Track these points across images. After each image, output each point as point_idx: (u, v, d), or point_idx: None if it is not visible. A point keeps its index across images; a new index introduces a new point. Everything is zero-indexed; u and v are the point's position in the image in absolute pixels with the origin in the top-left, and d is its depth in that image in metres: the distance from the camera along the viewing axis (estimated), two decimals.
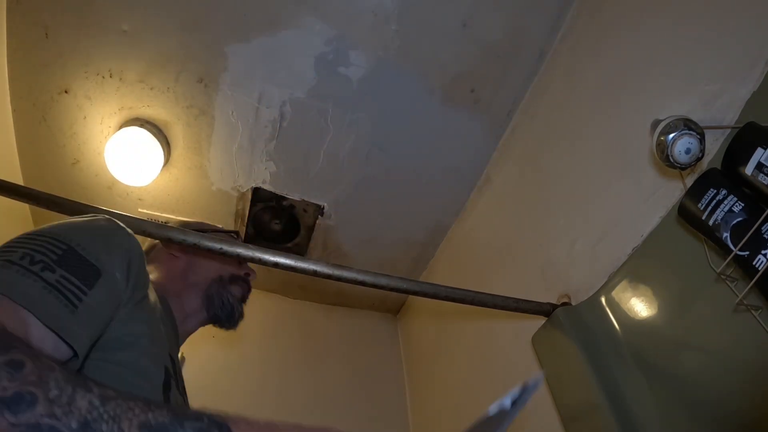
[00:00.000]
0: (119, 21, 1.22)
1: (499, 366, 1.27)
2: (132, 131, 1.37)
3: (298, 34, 1.27)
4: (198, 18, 1.24)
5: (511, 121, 1.47)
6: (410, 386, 1.87)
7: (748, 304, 0.62)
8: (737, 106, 0.72)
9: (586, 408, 0.81)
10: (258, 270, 0.95)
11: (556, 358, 0.93)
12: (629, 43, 1.04)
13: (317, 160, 1.54)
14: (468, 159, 1.56)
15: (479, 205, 1.60)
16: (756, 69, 0.71)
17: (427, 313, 1.88)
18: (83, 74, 1.31)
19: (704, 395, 0.69)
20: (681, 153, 0.65)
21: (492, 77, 1.37)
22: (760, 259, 0.58)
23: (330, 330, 1.98)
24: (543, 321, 0.99)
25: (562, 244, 1.09)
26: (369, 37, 1.29)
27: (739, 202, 0.61)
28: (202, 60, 1.30)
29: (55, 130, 1.42)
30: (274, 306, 1.95)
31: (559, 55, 1.30)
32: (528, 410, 1.09)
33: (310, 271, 0.79)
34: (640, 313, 0.83)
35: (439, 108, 1.42)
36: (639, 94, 0.97)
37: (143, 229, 0.73)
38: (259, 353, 1.76)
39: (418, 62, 1.33)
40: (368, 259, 1.86)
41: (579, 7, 1.25)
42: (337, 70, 1.34)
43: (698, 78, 0.82)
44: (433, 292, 0.87)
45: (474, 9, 1.25)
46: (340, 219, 1.71)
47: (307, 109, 1.41)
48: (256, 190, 1.60)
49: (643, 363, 0.79)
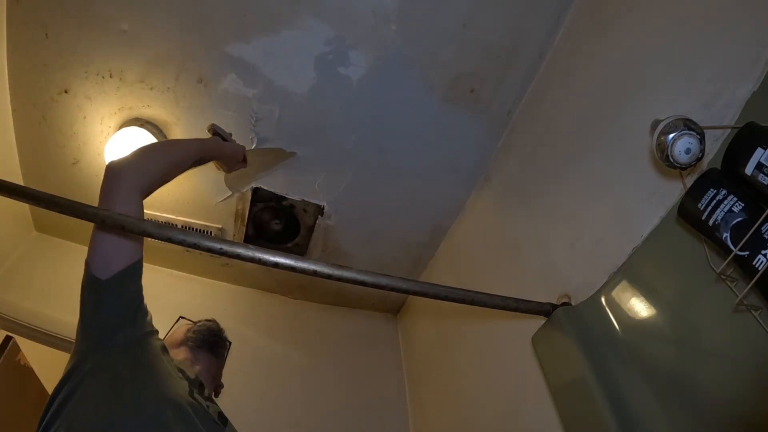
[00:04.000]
0: (119, 21, 1.22)
1: (499, 366, 1.27)
2: (132, 131, 1.37)
3: (298, 34, 1.27)
4: (198, 18, 1.23)
5: (511, 121, 1.47)
6: (410, 386, 1.87)
7: (748, 304, 0.62)
8: (737, 106, 0.72)
9: (586, 408, 0.80)
10: (258, 270, 0.95)
11: (556, 358, 0.93)
12: (629, 43, 1.04)
13: (317, 160, 1.54)
14: (468, 159, 1.56)
15: (479, 205, 1.60)
16: (756, 69, 0.71)
17: (427, 313, 1.88)
18: (83, 74, 1.31)
19: (704, 395, 0.69)
20: (681, 153, 0.65)
21: (492, 77, 1.38)
22: (760, 259, 0.57)
23: (330, 330, 1.98)
24: (543, 321, 0.99)
25: (562, 244, 1.09)
26: (369, 37, 1.29)
27: (739, 202, 0.61)
28: (202, 60, 1.30)
29: (55, 130, 1.42)
30: (274, 306, 1.96)
31: (559, 55, 1.30)
32: (528, 410, 1.10)
33: (310, 271, 0.78)
34: (640, 313, 0.83)
35: (439, 108, 1.42)
36: (639, 94, 0.97)
37: (143, 229, 0.73)
38: (259, 353, 1.76)
39: (418, 62, 1.33)
40: (368, 259, 1.86)
41: (579, 8, 1.25)
42: (337, 70, 1.34)
43: (698, 78, 0.82)
44: (433, 292, 0.87)
45: (474, 9, 1.25)
46: (340, 219, 1.71)
47: (307, 109, 1.41)
48: (256, 190, 1.60)
49: (643, 363, 0.79)
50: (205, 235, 0.76)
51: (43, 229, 1.75)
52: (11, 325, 1.57)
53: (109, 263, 0.74)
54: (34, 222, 1.73)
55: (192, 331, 1.02)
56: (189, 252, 1.74)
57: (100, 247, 0.75)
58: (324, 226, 1.73)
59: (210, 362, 0.99)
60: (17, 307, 1.55)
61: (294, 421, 1.62)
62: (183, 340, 1.00)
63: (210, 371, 0.97)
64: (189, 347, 0.98)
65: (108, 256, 0.74)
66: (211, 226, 1.69)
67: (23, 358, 2.18)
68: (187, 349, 0.98)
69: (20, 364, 2.18)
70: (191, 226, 1.68)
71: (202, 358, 0.97)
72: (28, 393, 2.26)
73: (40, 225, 1.74)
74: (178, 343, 0.99)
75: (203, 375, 0.93)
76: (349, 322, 2.05)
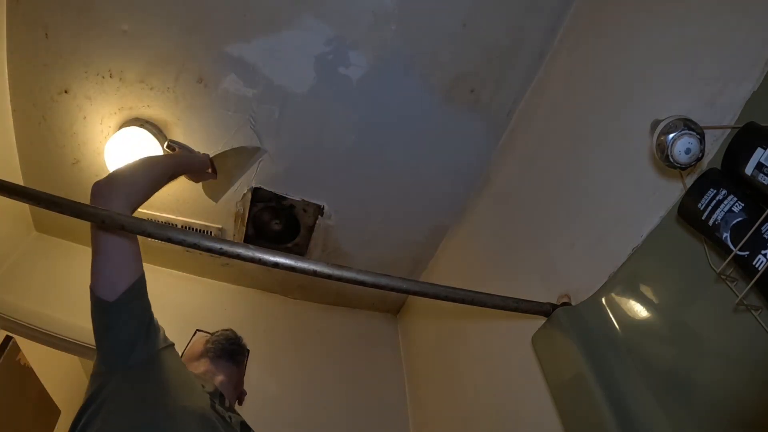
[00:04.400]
0: (119, 21, 1.22)
1: (499, 366, 1.27)
2: (132, 131, 1.37)
3: (298, 34, 1.27)
4: (198, 18, 1.23)
5: (511, 121, 1.47)
6: (410, 386, 1.87)
7: (748, 304, 0.62)
8: (737, 106, 0.72)
9: (586, 408, 0.80)
10: (258, 270, 0.96)
11: (556, 358, 0.93)
12: (629, 43, 1.04)
13: (317, 160, 1.54)
14: (468, 159, 1.56)
15: (479, 205, 1.60)
16: (756, 69, 0.71)
17: (427, 313, 1.88)
18: (83, 74, 1.31)
19: (704, 395, 0.69)
20: (681, 153, 0.65)
21: (492, 77, 1.38)
22: (760, 259, 0.57)
23: (330, 330, 1.98)
24: (543, 321, 0.99)
25: (562, 244, 1.09)
26: (369, 37, 1.29)
27: (739, 202, 0.61)
28: (202, 60, 1.30)
29: (55, 130, 1.42)
30: (274, 306, 1.96)
31: (559, 55, 1.30)
32: (528, 410, 1.10)
33: (310, 271, 0.78)
34: (640, 313, 0.83)
35: (439, 108, 1.42)
36: (639, 94, 0.97)
37: (143, 229, 0.73)
38: (259, 353, 1.76)
39: (418, 62, 1.33)
40: (368, 259, 1.86)
41: (579, 8, 1.25)
42: (337, 70, 1.34)
43: (698, 78, 0.82)
44: (433, 292, 0.86)
45: (474, 9, 1.25)
46: (340, 219, 1.71)
47: (307, 109, 1.41)
48: (256, 190, 1.60)
49: (643, 363, 0.79)
50: (205, 235, 0.76)
51: (43, 229, 1.75)
52: (11, 325, 1.57)
53: (114, 284, 0.75)
54: (34, 222, 1.73)
55: (211, 342, 1.03)
56: (189, 252, 1.74)
57: (103, 270, 0.77)
58: (324, 226, 1.73)
59: (231, 371, 1.00)
60: (17, 307, 1.55)
61: (294, 421, 1.62)
62: (203, 352, 1.01)
63: (232, 380, 0.98)
64: (209, 358, 0.99)
65: (111, 278, 0.76)
66: (211, 226, 1.69)
67: (23, 358, 2.18)
68: (207, 361, 0.99)
69: (20, 364, 2.18)
70: (191, 226, 1.68)
71: (223, 368, 0.98)
72: (28, 393, 2.27)
73: (40, 225, 1.74)
74: (198, 356, 1.00)
75: (225, 384, 0.94)
76: (349, 322, 2.05)
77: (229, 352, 1.02)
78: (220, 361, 1.00)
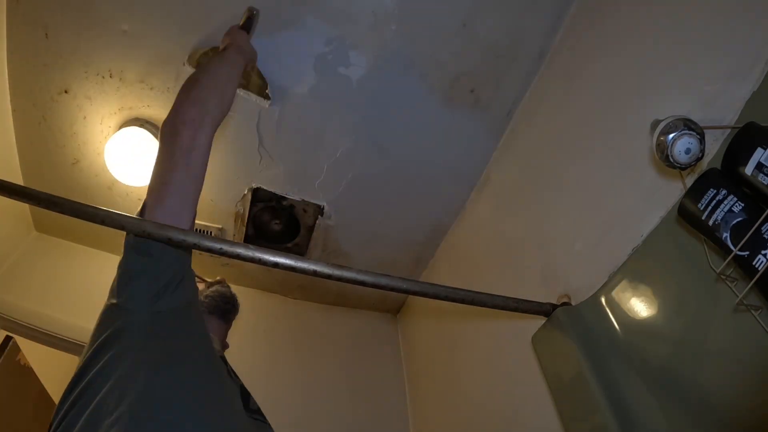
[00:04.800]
0: (119, 21, 1.22)
1: (499, 366, 1.27)
2: (132, 131, 1.37)
3: (298, 34, 1.27)
4: (198, 18, 1.23)
5: (511, 121, 1.47)
6: (410, 386, 1.87)
7: (748, 304, 0.62)
8: (737, 106, 0.72)
9: (586, 408, 0.80)
10: (258, 270, 0.96)
11: (556, 358, 0.93)
12: (629, 43, 1.04)
13: (317, 160, 1.54)
14: (468, 159, 1.56)
15: (479, 205, 1.60)
16: (756, 69, 0.71)
17: (427, 313, 1.88)
18: (83, 74, 1.30)
19: (704, 395, 0.69)
20: (681, 153, 0.65)
21: (492, 77, 1.37)
22: (760, 259, 0.58)
23: (330, 330, 1.98)
24: (543, 321, 0.99)
25: (562, 244, 1.09)
26: (369, 37, 1.29)
27: (739, 202, 0.61)
28: None
29: (55, 130, 1.42)
30: (274, 306, 1.96)
31: (559, 55, 1.30)
32: (528, 410, 1.10)
33: (310, 271, 0.78)
34: (640, 313, 0.83)
35: (439, 108, 1.42)
36: (639, 93, 0.97)
37: (143, 229, 0.73)
38: (260, 353, 1.76)
39: (418, 62, 1.33)
40: (368, 259, 1.86)
41: (578, 8, 1.25)
42: (337, 70, 1.34)
43: (698, 78, 0.82)
44: (433, 292, 0.87)
45: (474, 9, 1.25)
46: (340, 219, 1.71)
47: (307, 109, 1.41)
48: (256, 190, 1.60)
49: (643, 363, 0.79)
50: (205, 235, 0.76)
51: (43, 229, 1.75)
52: (11, 325, 1.57)
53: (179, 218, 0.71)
54: (34, 222, 1.73)
55: (204, 296, 0.99)
56: None
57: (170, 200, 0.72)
58: (324, 226, 1.73)
59: (219, 327, 0.98)
60: (17, 307, 1.55)
61: (294, 421, 1.62)
62: None
63: (219, 337, 0.97)
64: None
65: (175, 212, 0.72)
66: (211, 226, 1.69)
67: (23, 358, 2.18)
68: None
69: (20, 364, 2.18)
70: None
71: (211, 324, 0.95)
72: (28, 393, 2.26)
73: (40, 225, 1.74)
74: None
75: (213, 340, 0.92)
76: (349, 322, 2.05)
77: (222, 311, 1.00)
78: (212, 317, 0.97)
